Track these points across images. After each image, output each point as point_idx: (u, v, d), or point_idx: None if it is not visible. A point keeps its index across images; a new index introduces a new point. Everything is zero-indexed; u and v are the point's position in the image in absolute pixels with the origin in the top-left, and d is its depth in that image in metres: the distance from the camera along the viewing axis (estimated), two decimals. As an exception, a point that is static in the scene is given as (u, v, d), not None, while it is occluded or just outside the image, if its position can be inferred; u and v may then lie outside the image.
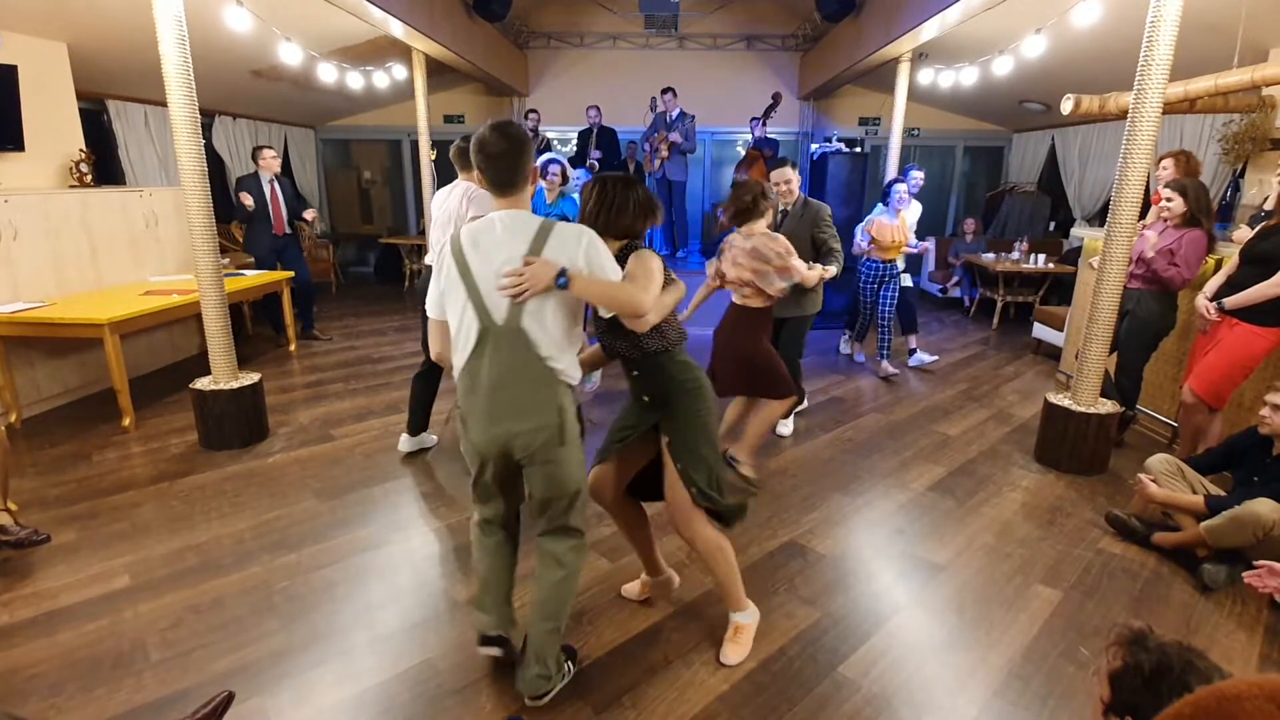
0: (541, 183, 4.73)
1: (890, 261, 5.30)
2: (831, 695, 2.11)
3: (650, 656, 2.27)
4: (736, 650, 2.27)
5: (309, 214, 6.11)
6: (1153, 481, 2.97)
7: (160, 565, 2.75)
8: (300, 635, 2.35)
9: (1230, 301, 3.22)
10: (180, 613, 2.46)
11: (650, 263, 1.97)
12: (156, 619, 2.42)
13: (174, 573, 2.70)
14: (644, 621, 2.44)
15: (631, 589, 2.60)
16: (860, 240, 5.34)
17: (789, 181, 3.92)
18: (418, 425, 3.86)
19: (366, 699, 2.09)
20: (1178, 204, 3.53)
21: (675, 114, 7.51)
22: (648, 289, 1.88)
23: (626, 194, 2.05)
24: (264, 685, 2.12)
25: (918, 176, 5.66)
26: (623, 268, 1.95)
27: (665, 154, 7.59)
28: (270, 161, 5.82)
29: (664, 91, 7.55)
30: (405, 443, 3.86)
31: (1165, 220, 3.62)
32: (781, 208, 3.97)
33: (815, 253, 3.86)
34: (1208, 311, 3.31)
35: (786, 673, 2.20)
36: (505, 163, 1.85)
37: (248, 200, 5.69)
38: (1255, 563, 2.37)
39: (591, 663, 2.24)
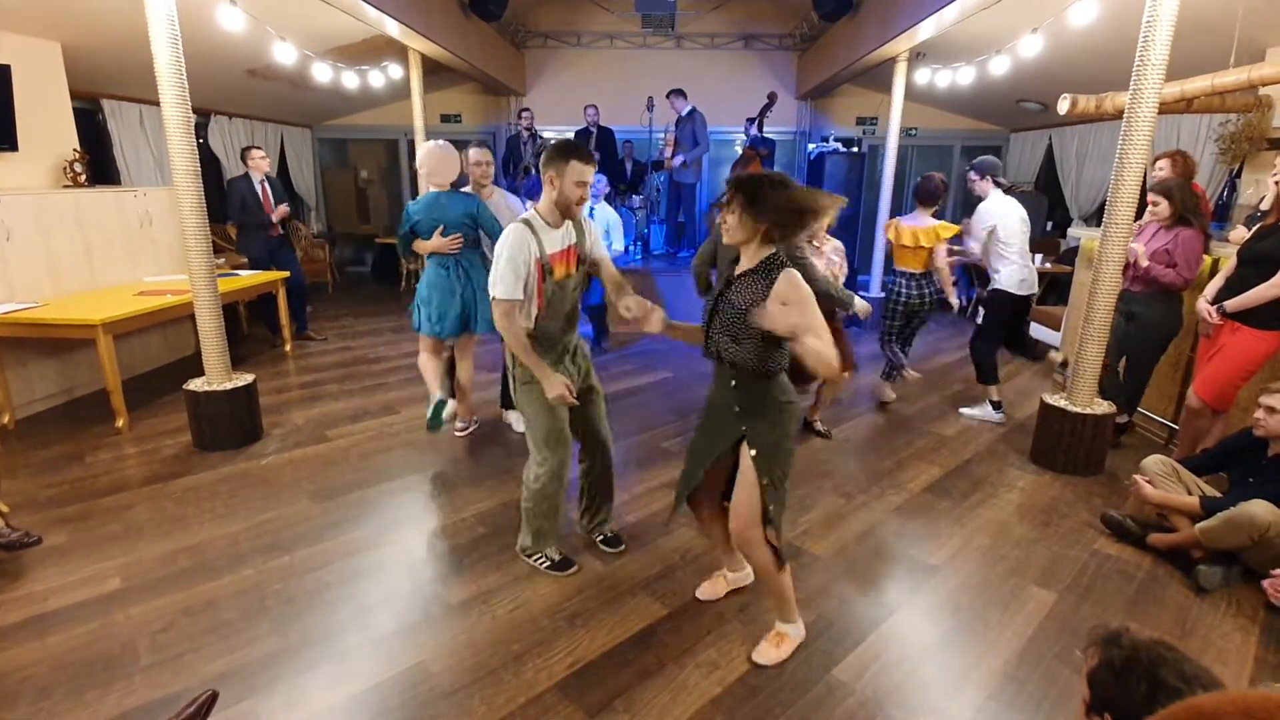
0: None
1: (914, 274, 4.38)
2: (825, 698, 2.10)
3: (644, 659, 2.26)
4: (771, 653, 2.27)
5: (281, 209, 5.91)
6: (1148, 483, 2.97)
7: (152, 567, 2.74)
8: (293, 638, 2.34)
9: (1232, 305, 3.20)
10: (172, 615, 2.45)
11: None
12: (148, 621, 2.41)
13: (166, 575, 2.69)
14: (637, 624, 2.43)
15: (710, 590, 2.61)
16: None
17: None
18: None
19: (359, 702, 2.08)
20: (1164, 207, 3.55)
21: (684, 113, 7.49)
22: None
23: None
24: (256, 688, 2.11)
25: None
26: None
27: (669, 158, 7.60)
28: (259, 162, 5.78)
29: (668, 94, 7.53)
30: None
31: (1157, 222, 3.62)
32: None
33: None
34: (1209, 315, 3.30)
35: (780, 676, 2.19)
36: None
37: (285, 210, 5.86)
38: (1275, 571, 2.37)
39: (584, 665, 2.23)
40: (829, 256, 3.90)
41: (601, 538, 2.94)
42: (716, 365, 2.16)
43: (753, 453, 2.09)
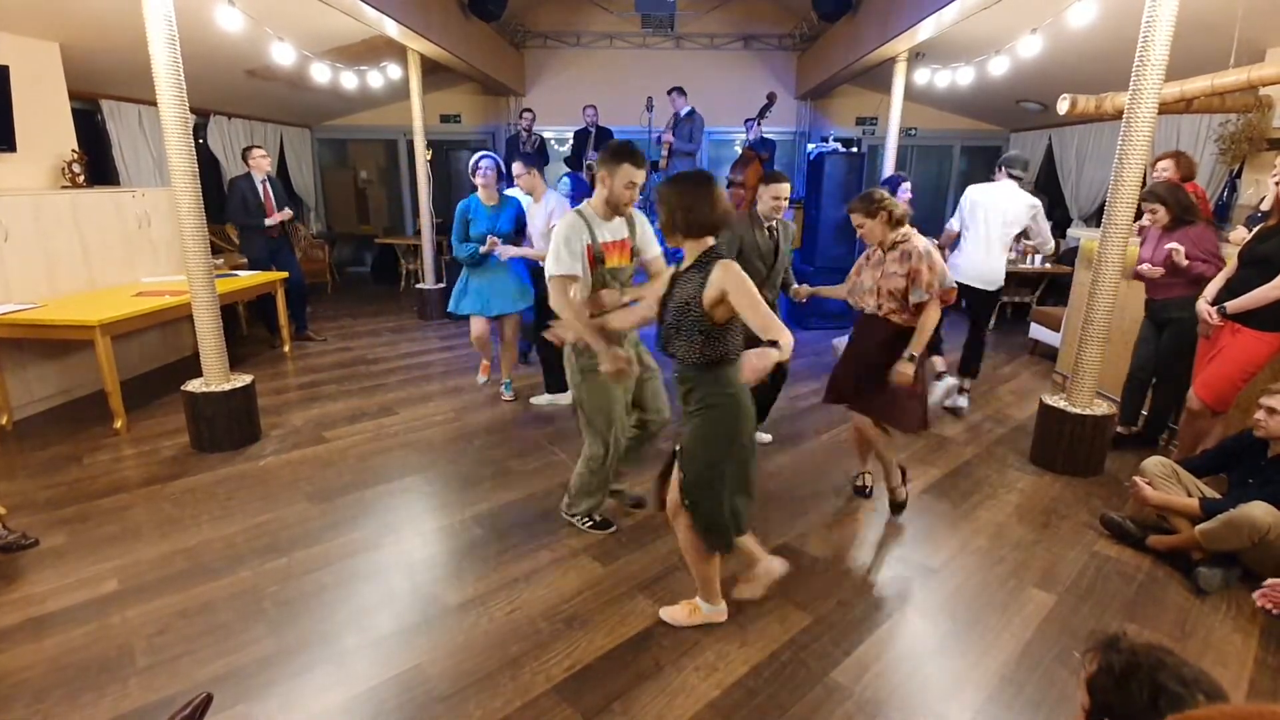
0: (476, 180, 4.32)
1: None
2: (823, 701, 2.09)
3: (641, 662, 2.25)
4: (678, 614, 2.44)
5: (285, 212, 5.92)
6: (1147, 484, 2.96)
7: (149, 569, 2.73)
8: (289, 640, 2.34)
9: (1233, 306, 3.18)
10: (168, 618, 2.44)
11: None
12: (144, 624, 2.41)
13: (163, 577, 2.68)
14: (635, 626, 2.43)
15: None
16: None
17: (784, 198, 3.79)
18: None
19: (355, 705, 2.07)
20: (1162, 214, 3.57)
21: (683, 112, 7.50)
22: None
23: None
24: (251, 691, 2.11)
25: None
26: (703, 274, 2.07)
27: (665, 154, 7.59)
28: (260, 161, 5.77)
29: (670, 91, 7.56)
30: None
31: (1158, 228, 3.61)
32: (770, 224, 3.87)
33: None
34: (1210, 316, 3.28)
35: (778, 679, 2.19)
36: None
37: (288, 214, 5.86)
38: (1265, 582, 2.36)
39: (582, 668, 2.22)
40: (887, 269, 2.96)
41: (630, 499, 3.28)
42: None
43: (677, 447, 2.27)
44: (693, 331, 2.07)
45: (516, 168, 4.42)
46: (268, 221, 5.80)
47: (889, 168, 6.95)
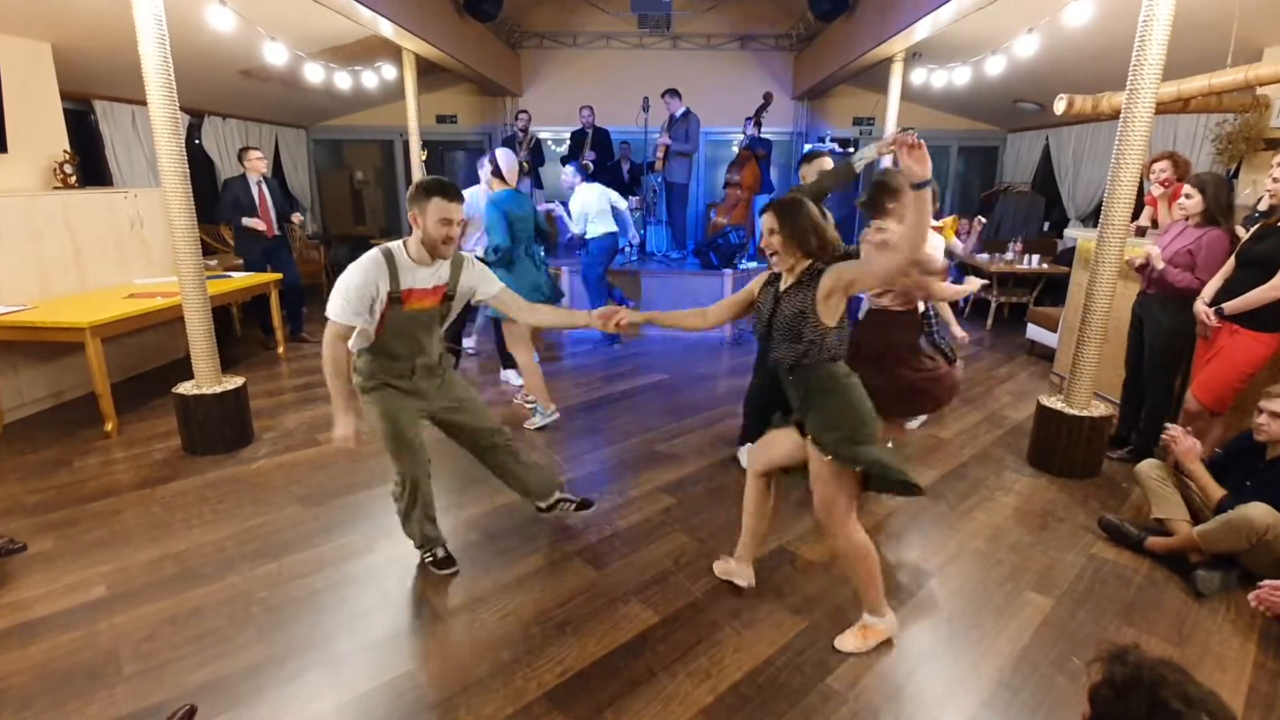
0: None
1: None
2: (818, 707, 2.07)
3: (634, 668, 2.23)
4: (853, 641, 2.31)
5: (295, 217, 6.04)
6: (1188, 432, 2.86)
7: (138, 575, 2.70)
8: (279, 646, 2.31)
9: (1230, 307, 3.16)
10: (157, 624, 2.41)
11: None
12: (132, 630, 2.38)
13: (152, 582, 2.66)
14: (628, 632, 2.40)
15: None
16: None
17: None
18: None
19: (345, 711, 2.05)
20: (1195, 201, 3.36)
21: (678, 114, 7.48)
22: None
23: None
24: (240, 698, 2.08)
25: None
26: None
27: (661, 156, 7.56)
28: (256, 163, 5.74)
29: (664, 94, 7.52)
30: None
31: (1184, 219, 3.53)
32: None
33: None
34: (1207, 317, 3.26)
35: (772, 684, 2.16)
36: None
37: (258, 225, 5.69)
38: (1260, 584, 2.33)
39: (574, 675, 2.20)
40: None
41: (561, 504, 3.08)
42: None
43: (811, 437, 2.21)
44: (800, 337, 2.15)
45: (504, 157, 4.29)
46: (294, 219, 6.01)
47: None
